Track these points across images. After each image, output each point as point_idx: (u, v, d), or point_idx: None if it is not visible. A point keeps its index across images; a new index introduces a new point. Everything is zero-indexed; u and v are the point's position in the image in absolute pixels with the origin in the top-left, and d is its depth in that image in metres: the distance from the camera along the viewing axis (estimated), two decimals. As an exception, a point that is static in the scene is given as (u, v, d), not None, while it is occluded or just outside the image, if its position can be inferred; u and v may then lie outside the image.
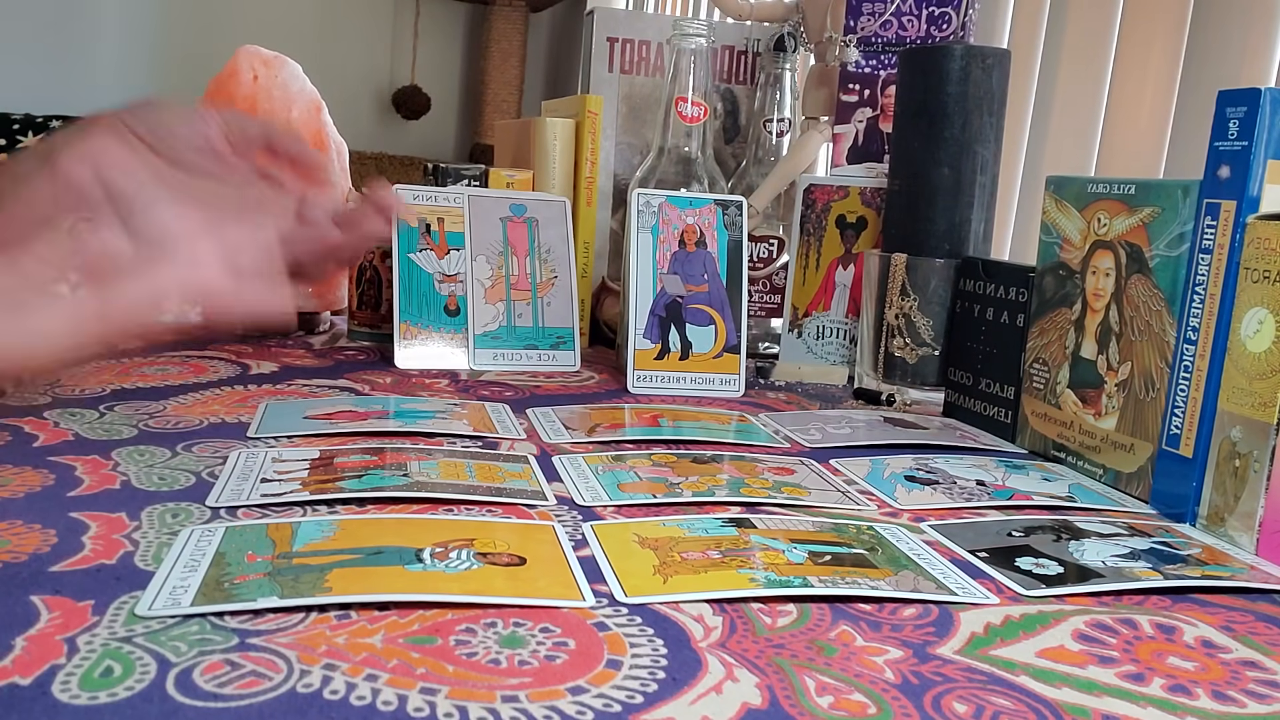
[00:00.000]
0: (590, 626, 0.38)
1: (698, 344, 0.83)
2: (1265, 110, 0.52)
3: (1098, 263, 0.64)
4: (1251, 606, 0.45)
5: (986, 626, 0.41)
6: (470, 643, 0.36)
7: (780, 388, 0.88)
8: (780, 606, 0.41)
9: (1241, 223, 0.53)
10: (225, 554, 0.42)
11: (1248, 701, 0.36)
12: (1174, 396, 0.57)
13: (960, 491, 0.59)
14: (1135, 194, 0.62)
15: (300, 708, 0.31)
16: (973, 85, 0.80)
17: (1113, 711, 0.35)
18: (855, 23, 0.95)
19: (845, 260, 0.92)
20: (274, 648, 0.35)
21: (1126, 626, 0.42)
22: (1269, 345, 0.51)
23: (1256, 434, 0.51)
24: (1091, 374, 0.64)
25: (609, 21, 1.08)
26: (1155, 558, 0.49)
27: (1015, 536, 0.51)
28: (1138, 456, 0.60)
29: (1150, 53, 0.99)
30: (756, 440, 0.68)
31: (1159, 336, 0.59)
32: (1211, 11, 0.93)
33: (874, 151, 0.95)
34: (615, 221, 1.08)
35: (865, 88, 0.95)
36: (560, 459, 0.60)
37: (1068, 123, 1.07)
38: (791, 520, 0.51)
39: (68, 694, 0.31)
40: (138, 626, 0.35)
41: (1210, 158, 0.55)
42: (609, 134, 1.07)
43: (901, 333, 0.81)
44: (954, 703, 0.34)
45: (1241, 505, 0.52)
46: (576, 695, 0.33)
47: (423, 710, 0.31)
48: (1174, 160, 0.98)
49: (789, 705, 0.33)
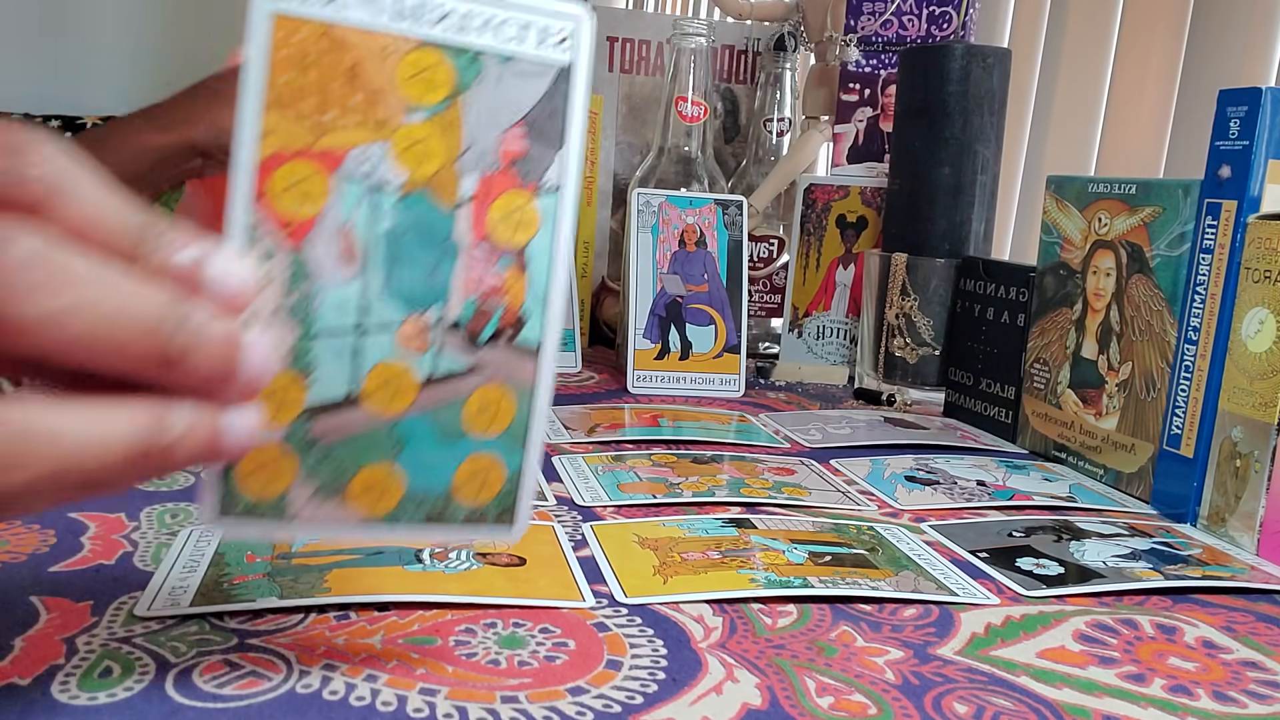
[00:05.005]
0: (590, 627, 0.38)
1: (698, 344, 0.83)
2: (1266, 110, 0.52)
3: (1098, 262, 0.64)
4: (1252, 607, 0.45)
5: (987, 627, 0.41)
6: (470, 643, 0.36)
7: (780, 388, 0.88)
8: (780, 607, 0.41)
9: (1242, 222, 0.53)
10: (224, 554, 0.41)
11: (1248, 702, 0.36)
12: (1175, 397, 0.56)
13: (961, 492, 0.59)
14: (1136, 194, 0.62)
15: (300, 708, 0.31)
16: (973, 85, 0.80)
17: (1113, 712, 0.35)
18: (855, 22, 0.94)
19: (845, 260, 0.92)
20: (273, 648, 0.34)
21: (1127, 627, 0.41)
22: (1270, 345, 0.51)
23: (1257, 434, 0.51)
24: (1092, 374, 0.64)
25: (609, 21, 1.08)
26: (1156, 558, 0.49)
27: (1016, 537, 0.51)
28: (1138, 457, 0.60)
29: (1150, 53, 0.99)
30: (756, 440, 0.68)
31: (1160, 336, 0.59)
32: (1211, 11, 0.93)
33: (874, 151, 0.95)
34: (615, 221, 1.08)
35: (865, 87, 0.95)
36: (560, 459, 0.60)
37: (1068, 123, 1.07)
38: (791, 520, 0.51)
39: (67, 694, 0.31)
40: (137, 627, 0.35)
41: (1211, 157, 0.55)
42: (609, 134, 1.07)
43: (902, 333, 0.81)
44: (954, 703, 0.34)
45: (1242, 505, 0.52)
46: (576, 696, 0.33)
47: (422, 711, 0.31)
48: (1174, 160, 0.98)
49: (789, 706, 0.33)
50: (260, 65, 0.27)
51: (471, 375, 0.30)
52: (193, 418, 0.25)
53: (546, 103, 0.30)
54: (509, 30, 0.29)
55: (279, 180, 0.28)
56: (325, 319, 0.29)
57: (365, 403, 0.29)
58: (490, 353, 0.30)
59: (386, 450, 0.30)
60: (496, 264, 0.30)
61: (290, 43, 0.28)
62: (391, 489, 0.30)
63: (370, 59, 0.28)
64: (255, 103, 0.28)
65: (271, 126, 0.28)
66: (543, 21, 0.30)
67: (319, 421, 0.29)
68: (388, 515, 0.31)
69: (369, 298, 0.29)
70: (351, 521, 0.30)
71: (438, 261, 0.30)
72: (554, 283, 0.31)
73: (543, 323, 0.31)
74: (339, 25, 0.28)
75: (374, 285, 0.29)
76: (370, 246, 0.29)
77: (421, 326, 0.30)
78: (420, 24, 0.29)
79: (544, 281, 0.31)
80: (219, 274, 0.26)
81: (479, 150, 0.30)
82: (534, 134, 0.30)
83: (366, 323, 0.29)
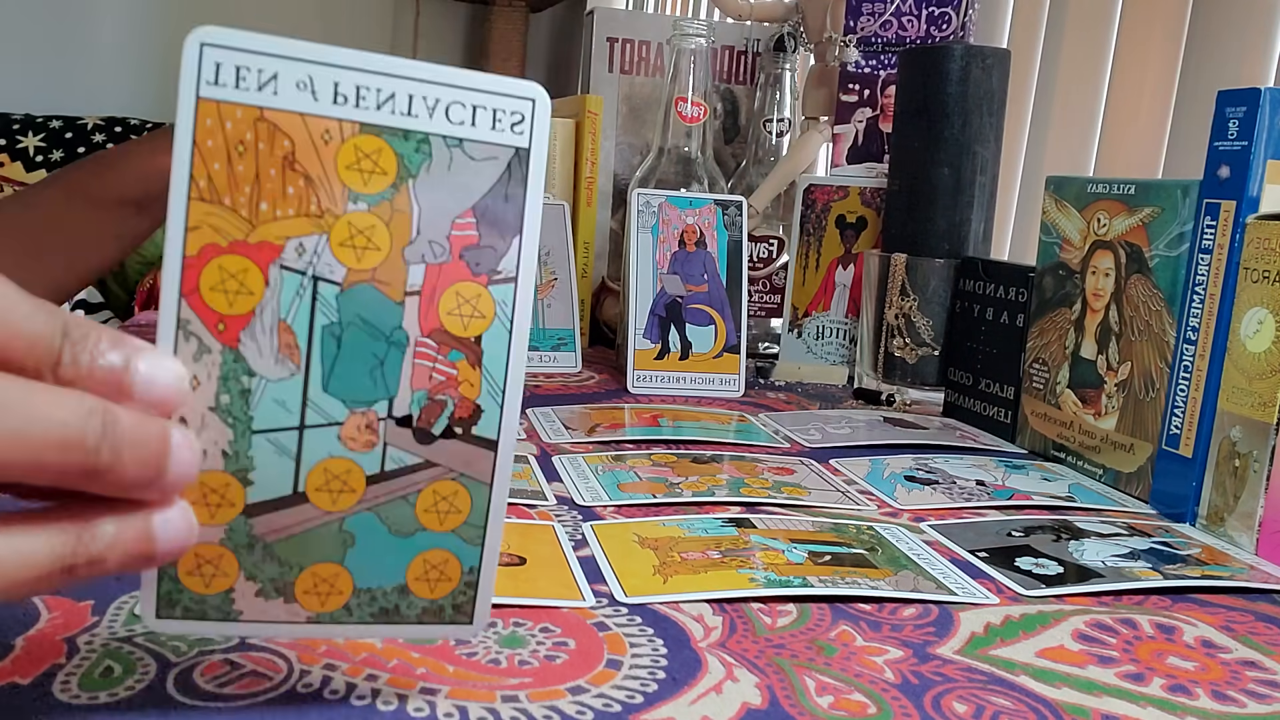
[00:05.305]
0: (590, 626, 0.38)
1: (698, 344, 0.83)
2: (1265, 110, 0.52)
3: (1097, 263, 0.64)
4: (1251, 606, 0.45)
5: (986, 626, 0.41)
6: (470, 643, 0.36)
7: (780, 388, 0.88)
8: (780, 606, 0.41)
9: (1241, 223, 0.53)
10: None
11: (1247, 701, 0.36)
12: (1174, 396, 0.56)
13: (960, 491, 0.59)
14: (1135, 194, 0.62)
15: (300, 708, 0.31)
16: (973, 85, 0.80)
17: (1112, 711, 0.35)
18: (855, 23, 0.95)
19: (845, 260, 0.92)
20: (274, 647, 0.35)
21: (1126, 626, 0.42)
22: (1269, 345, 0.51)
23: (1256, 434, 0.51)
24: (1091, 374, 0.64)
25: (609, 21, 1.08)
26: (1155, 558, 0.49)
27: (1015, 536, 0.51)
28: (1137, 456, 0.60)
29: (1150, 53, 0.99)
30: (756, 440, 0.68)
31: (1159, 336, 0.59)
32: (1211, 11, 0.93)
33: (874, 151, 0.95)
34: (615, 221, 1.08)
35: (865, 88, 0.95)
36: (560, 459, 0.60)
37: (1067, 123, 1.07)
38: (791, 520, 0.51)
39: (68, 694, 0.31)
40: (137, 626, 0.35)
41: (1210, 158, 0.55)
42: (609, 134, 1.07)
43: (901, 333, 0.81)
44: (954, 703, 0.34)
45: (1241, 505, 0.52)
46: (576, 695, 0.33)
47: (423, 710, 0.31)
48: (1174, 160, 0.98)
49: (789, 705, 0.33)
50: (186, 155, 0.26)
51: (424, 470, 0.29)
52: (118, 528, 0.25)
53: (500, 188, 0.29)
54: (458, 113, 0.28)
55: (210, 275, 0.27)
56: (264, 417, 0.28)
57: (310, 500, 0.29)
58: (443, 446, 0.29)
59: (334, 547, 0.29)
60: (448, 355, 0.29)
61: (221, 130, 0.26)
62: (340, 586, 0.29)
63: (307, 146, 0.27)
64: (182, 195, 0.26)
65: (201, 219, 0.26)
66: (495, 102, 0.28)
67: (261, 520, 0.28)
68: (337, 612, 0.30)
69: (311, 394, 0.28)
70: (300, 619, 0.29)
71: (384, 354, 0.28)
72: (511, 374, 0.30)
73: (500, 415, 0.30)
74: (273, 111, 0.27)
75: (315, 381, 0.28)
76: (311, 341, 0.28)
77: (368, 421, 0.29)
78: (361, 109, 0.27)
79: (501, 373, 0.29)
80: (146, 376, 0.25)
81: (428, 239, 0.28)
82: (487, 221, 0.29)
83: (309, 419, 0.28)
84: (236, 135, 0.27)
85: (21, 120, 1.73)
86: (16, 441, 0.23)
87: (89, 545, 0.24)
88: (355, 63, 0.27)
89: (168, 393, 0.25)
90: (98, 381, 0.24)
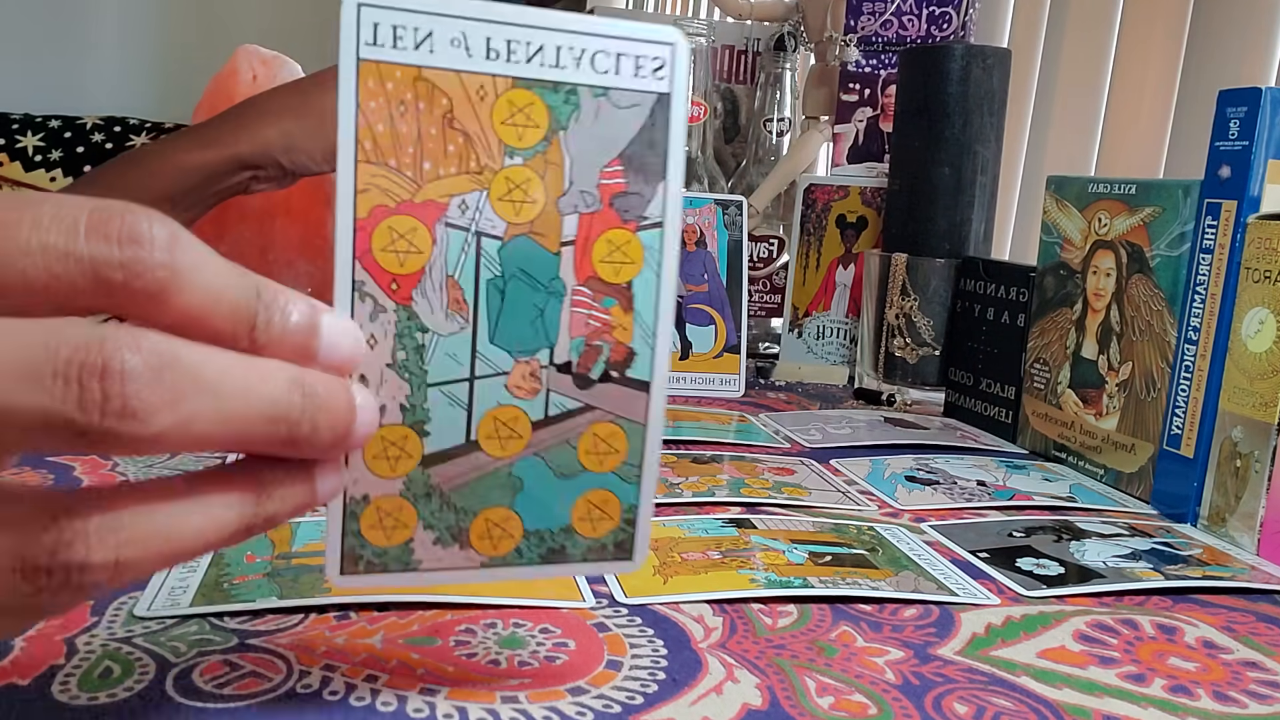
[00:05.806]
0: (590, 627, 0.38)
1: (698, 344, 0.83)
2: (1266, 110, 0.52)
3: (1098, 262, 0.64)
4: (1252, 607, 0.45)
5: (987, 627, 0.40)
6: (470, 643, 0.36)
7: (780, 388, 0.88)
8: (780, 607, 0.41)
9: (1242, 222, 0.53)
10: (224, 554, 0.41)
11: (1249, 702, 0.36)
12: (1175, 396, 0.56)
13: (961, 492, 0.59)
14: (1136, 194, 0.62)
15: (300, 708, 0.31)
16: (973, 85, 0.80)
17: (1113, 712, 0.35)
18: (855, 22, 0.94)
19: (845, 260, 0.92)
20: (273, 648, 0.34)
21: (1127, 627, 0.41)
22: (1270, 345, 0.51)
23: (1257, 434, 0.51)
24: (1092, 374, 0.64)
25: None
26: (1156, 558, 0.49)
27: (1016, 537, 0.51)
28: (1138, 457, 0.60)
29: (1150, 53, 0.99)
30: (756, 440, 0.68)
31: (1160, 336, 0.59)
32: (1211, 11, 0.93)
33: (874, 151, 0.95)
34: (615, 221, 1.08)
35: (865, 87, 0.95)
36: (560, 459, 0.60)
37: (1068, 123, 1.07)
38: (792, 520, 0.51)
39: (67, 694, 0.31)
40: (137, 627, 0.35)
41: (1211, 157, 0.55)
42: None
43: (902, 333, 0.81)
44: (955, 703, 0.34)
45: (1242, 505, 0.52)
46: (576, 696, 0.33)
47: (422, 711, 0.31)
48: (1174, 160, 0.98)
49: (789, 706, 0.33)
50: (351, 117, 0.27)
51: (583, 413, 0.30)
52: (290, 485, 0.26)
53: (645, 135, 0.29)
54: (603, 62, 0.29)
55: (381, 236, 0.27)
56: (437, 370, 0.29)
57: (481, 448, 0.30)
58: (601, 390, 0.30)
59: (504, 492, 0.30)
60: (602, 302, 0.30)
61: (383, 91, 0.27)
62: (511, 529, 0.31)
63: (465, 103, 0.28)
64: (350, 158, 0.27)
65: (369, 181, 0.27)
66: (637, 49, 0.29)
67: (437, 470, 0.29)
68: (509, 555, 0.31)
69: (479, 346, 0.29)
70: (474, 565, 0.30)
71: (544, 304, 0.29)
72: (661, 317, 0.30)
73: (652, 357, 0.31)
74: (431, 69, 0.27)
75: (483, 333, 0.29)
76: (477, 295, 0.29)
77: (532, 370, 0.30)
78: (513, 63, 0.28)
79: (651, 316, 0.30)
80: (329, 339, 0.26)
81: (579, 189, 0.29)
82: (633, 168, 0.30)
83: (478, 370, 0.29)
84: (397, 95, 0.27)
85: (21, 120, 1.73)
86: (232, 422, 0.23)
87: (266, 506, 0.26)
88: (505, 16, 0.28)
89: (351, 353, 0.26)
90: (288, 347, 0.25)
